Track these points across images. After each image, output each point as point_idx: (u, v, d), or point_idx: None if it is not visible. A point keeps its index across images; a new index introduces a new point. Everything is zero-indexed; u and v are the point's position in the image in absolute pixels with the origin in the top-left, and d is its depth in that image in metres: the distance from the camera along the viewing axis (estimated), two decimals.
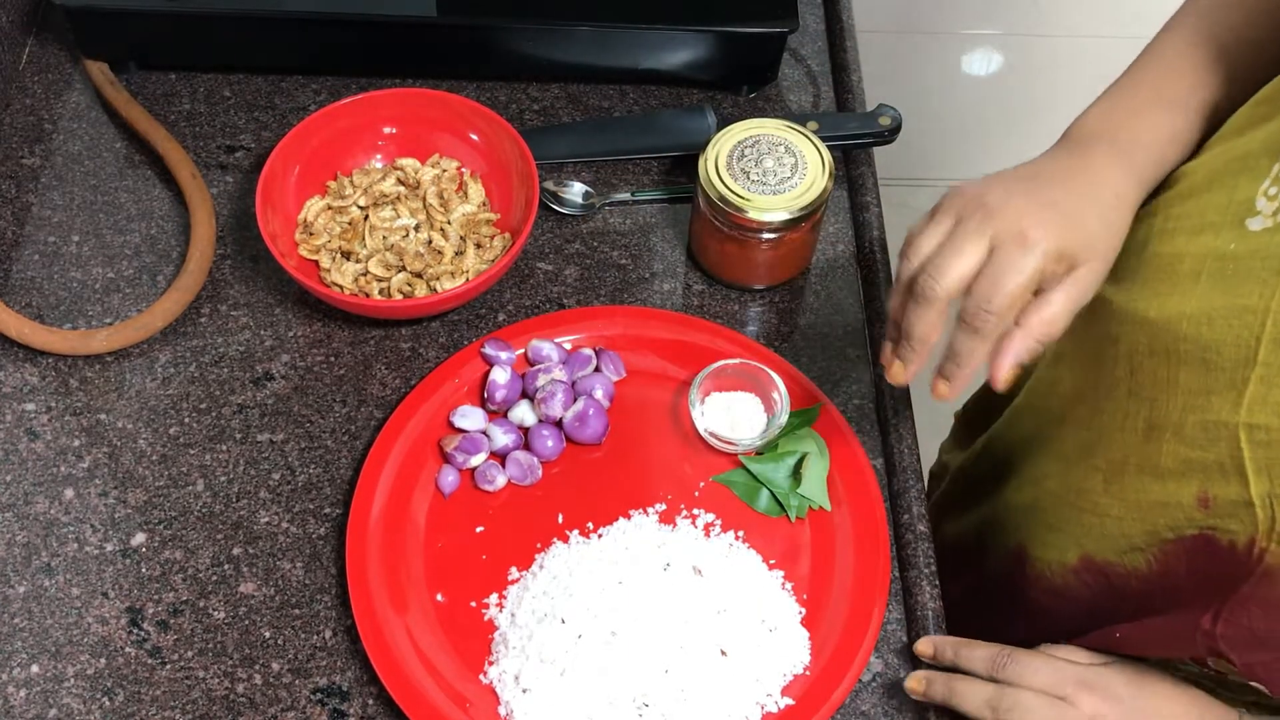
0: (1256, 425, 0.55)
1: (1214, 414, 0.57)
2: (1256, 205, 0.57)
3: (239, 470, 0.77)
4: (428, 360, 0.82)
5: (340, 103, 0.85)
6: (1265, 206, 0.57)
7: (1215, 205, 0.60)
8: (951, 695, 0.67)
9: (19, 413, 0.79)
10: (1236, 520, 0.58)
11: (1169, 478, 0.61)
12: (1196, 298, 0.59)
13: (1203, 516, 0.59)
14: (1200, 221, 0.61)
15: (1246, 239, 0.57)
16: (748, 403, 0.78)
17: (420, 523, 0.75)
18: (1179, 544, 0.62)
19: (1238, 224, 0.58)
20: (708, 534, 0.74)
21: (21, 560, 0.73)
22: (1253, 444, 0.56)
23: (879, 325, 0.84)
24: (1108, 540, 0.67)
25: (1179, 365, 0.60)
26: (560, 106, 0.95)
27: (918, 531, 0.75)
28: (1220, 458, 0.58)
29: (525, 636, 0.69)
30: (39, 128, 0.93)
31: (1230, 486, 0.57)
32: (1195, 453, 0.59)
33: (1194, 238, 0.61)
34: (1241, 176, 0.59)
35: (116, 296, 0.84)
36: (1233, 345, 0.56)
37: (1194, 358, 0.59)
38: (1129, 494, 0.65)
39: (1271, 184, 0.57)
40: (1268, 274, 0.55)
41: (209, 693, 0.69)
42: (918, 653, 0.70)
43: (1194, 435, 0.59)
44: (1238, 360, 0.56)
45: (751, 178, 0.78)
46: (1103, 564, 0.68)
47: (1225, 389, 0.57)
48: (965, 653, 0.69)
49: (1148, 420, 0.62)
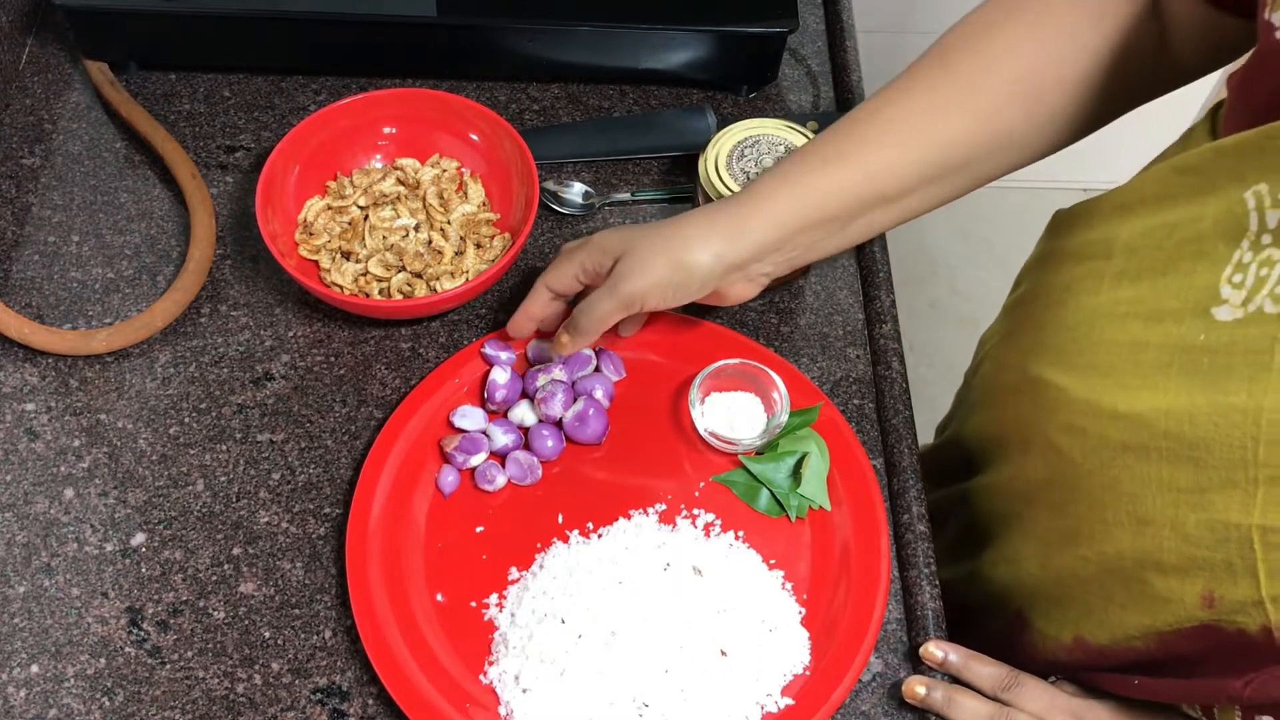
0: (1271, 528, 0.54)
1: (1219, 514, 0.56)
2: (1221, 294, 0.56)
3: (239, 470, 0.77)
4: (428, 360, 0.82)
5: (340, 103, 0.85)
6: (1232, 295, 0.55)
7: (1171, 291, 0.58)
8: (950, 707, 0.67)
9: (19, 413, 0.79)
10: (1244, 615, 0.56)
11: (1171, 574, 0.60)
12: (1172, 393, 0.57)
13: (1206, 614, 0.58)
14: (1157, 308, 0.59)
15: (1216, 330, 0.56)
16: (748, 403, 0.78)
17: (420, 523, 0.75)
18: (1179, 634, 0.61)
19: (1202, 313, 0.56)
20: (708, 534, 0.74)
21: (21, 560, 0.73)
22: (1266, 546, 0.55)
23: (879, 325, 0.84)
24: (1104, 627, 0.66)
25: (1160, 462, 0.58)
26: (560, 106, 0.95)
27: (918, 531, 0.75)
28: (1229, 558, 0.56)
29: (525, 636, 0.69)
30: (39, 128, 0.93)
31: (1239, 587, 0.56)
32: (1201, 552, 0.57)
33: (1153, 325, 0.59)
34: (1199, 262, 0.57)
35: (116, 296, 0.84)
36: (1223, 445, 0.55)
37: (1180, 455, 0.57)
38: (1130, 585, 0.63)
39: (1235, 271, 0.55)
40: (1253, 370, 0.54)
41: (209, 693, 0.69)
42: (924, 656, 0.70)
43: (1198, 535, 0.57)
44: (1233, 460, 0.55)
45: (751, 178, 0.78)
46: (1097, 647, 0.67)
47: (1223, 487, 0.55)
48: (975, 667, 0.69)
49: (1132, 514, 0.61)
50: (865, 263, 0.87)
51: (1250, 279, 0.54)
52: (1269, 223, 0.54)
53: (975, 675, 0.69)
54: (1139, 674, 0.66)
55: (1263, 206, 0.54)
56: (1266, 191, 0.54)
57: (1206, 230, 0.57)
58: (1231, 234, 0.55)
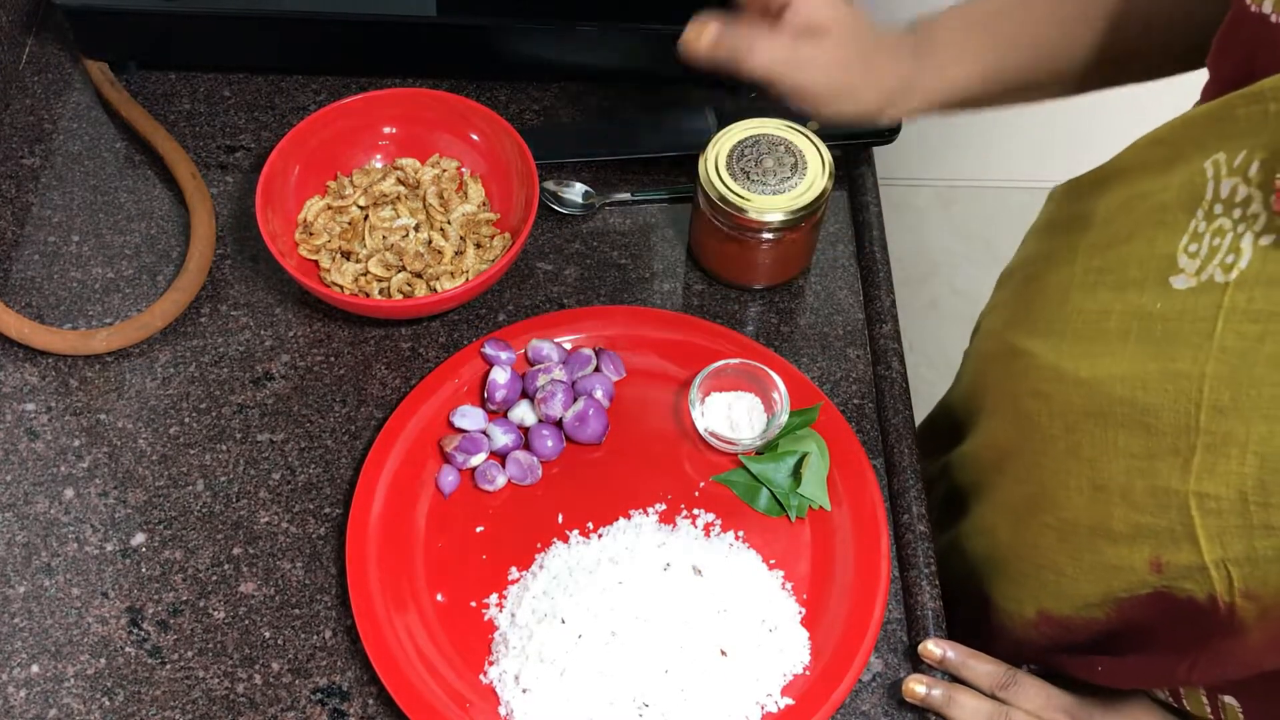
0: (1206, 494, 0.55)
1: (1162, 480, 0.57)
2: (1179, 263, 0.56)
3: (239, 470, 0.77)
4: (428, 360, 0.82)
5: (340, 103, 0.85)
6: (1187, 264, 0.56)
7: (1136, 259, 0.59)
8: (950, 706, 0.68)
9: (19, 413, 0.79)
10: (1191, 581, 0.57)
11: (1121, 541, 0.60)
12: (1128, 359, 0.58)
13: (1156, 579, 0.59)
14: (1123, 276, 0.60)
15: (1171, 298, 0.56)
16: (748, 403, 0.78)
17: (420, 523, 0.75)
18: (1134, 601, 0.62)
19: (1161, 281, 0.57)
20: (708, 534, 0.74)
21: (21, 560, 0.73)
22: (1203, 512, 0.55)
23: (879, 325, 0.84)
24: (1064, 598, 0.67)
25: (1117, 428, 0.59)
26: (560, 106, 0.95)
27: (918, 531, 0.75)
28: (1171, 524, 0.57)
29: (525, 636, 0.69)
30: (39, 128, 0.93)
31: (1182, 553, 0.57)
32: (1146, 518, 0.58)
33: (1118, 293, 0.60)
34: (1160, 230, 0.58)
35: (116, 296, 0.84)
36: (1170, 411, 0.56)
37: (1132, 421, 0.58)
38: (1083, 554, 0.64)
39: (1190, 240, 0.56)
40: (1198, 338, 0.54)
41: (209, 693, 0.69)
42: (923, 654, 0.70)
43: (1143, 501, 0.58)
44: (1178, 427, 0.55)
45: (751, 178, 0.78)
46: (1060, 619, 0.68)
47: (1168, 454, 0.56)
48: (973, 665, 0.69)
49: (1091, 481, 0.62)
50: (865, 263, 0.87)
51: (1204, 248, 0.55)
52: (1222, 192, 0.54)
53: (974, 673, 0.69)
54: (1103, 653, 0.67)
55: (1219, 175, 0.55)
56: (1224, 160, 0.54)
57: (1170, 200, 0.58)
58: (1190, 203, 0.56)
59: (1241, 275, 0.53)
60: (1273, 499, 0.52)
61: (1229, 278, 0.53)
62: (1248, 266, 0.53)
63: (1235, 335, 0.53)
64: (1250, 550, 0.54)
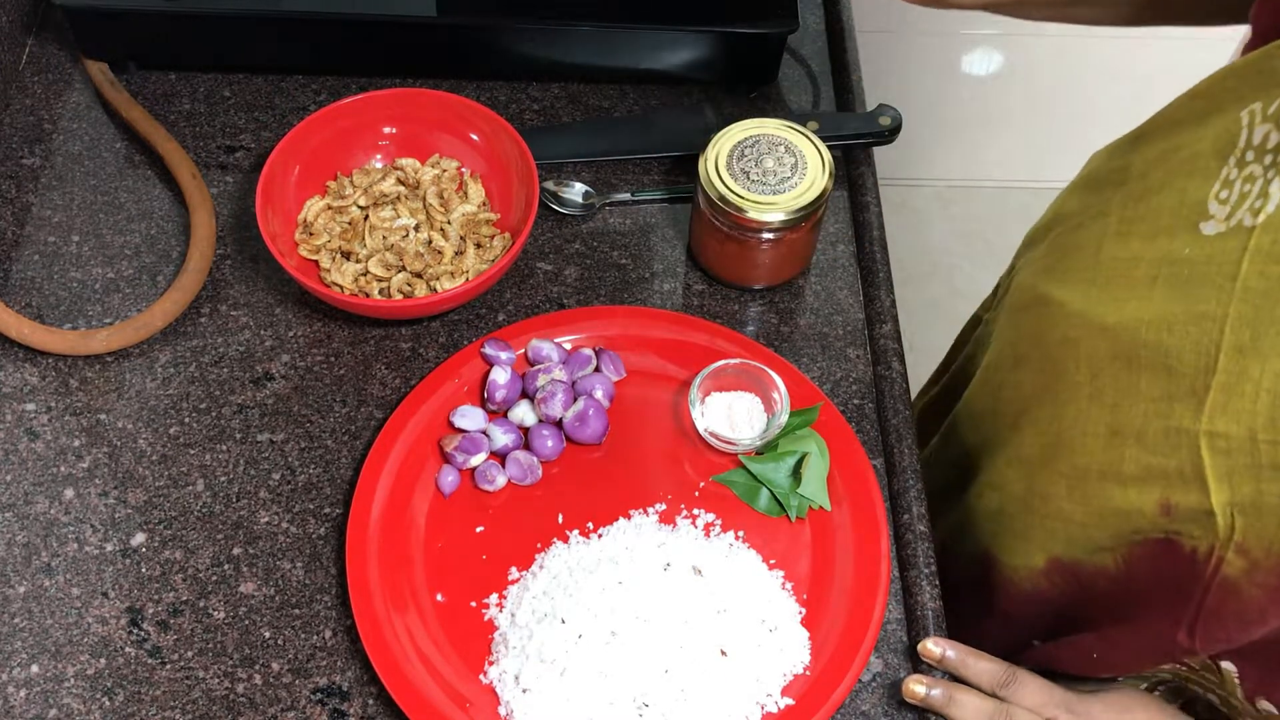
0: (1217, 433, 0.55)
1: (1175, 421, 0.57)
2: (1209, 209, 0.57)
3: (239, 470, 0.77)
4: (428, 360, 0.82)
5: (340, 103, 0.85)
6: (1218, 210, 0.57)
7: (1168, 208, 0.60)
8: (950, 705, 0.68)
9: (19, 413, 0.79)
10: (1199, 527, 0.58)
11: (1131, 484, 0.61)
12: (1155, 303, 0.59)
13: (1166, 522, 0.60)
14: (1155, 225, 0.61)
15: (1200, 243, 0.57)
16: (748, 403, 0.78)
17: (420, 523, 0.75)
18: (1145, 545, 0.62)
19: (1191, 228, 0.58)
20: (708, 534, 0.74)
21: (21, 560, 0.73)
22: (1213, 452, 0.56)
23: (879, 325, 0.84)
24: (1074, 543, 0.68)
25: (1140, 371, 0.60)
26: (560, 106, 0.95)
27: (918, 531, 0.75)
28: (1181, 465, 0.58)
29: (525, 636, 0.69)
30: (39, 128, 0.93)
31: (1191, 494, 0.57)
32: (1157, 459, 0.59)
33: (1149, 241, 0.61)
34: (1192, 178, 0.59)
35: (116, 296, 0.84)
36: (1192, 352, 0.56)
37: (1156, 364, 0.59)
38: (1092, 500, 0.65)
39: (1222, 187, 0.57)
40: (1223, 279, 0.55)
41: (209, 693, 0.69)
42: (923, 653, 0.70)
43: (1156, 442, 0.59)
44: (1198, 367, 0.56)
45: (751, 178, 0.79)
46: (1071, 563, 0.69)
47: (1186, 396, 0.57)
48: (973, 664, 0.69)
49: (1110, 426, 0.62)
50: (865, 263, 0.87)
51: (1235, 194, 0.56)
52: (1255, 139, 0.55)
53: (974, 672, 0.69)
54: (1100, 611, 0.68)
55: (1253, 123, 0.56)
56: (1259, 109, 0.55)
57: (1204, 149, 0.59)
58: (1223, 151, 0.57)
59: (1268, 219, 0.54)
60: None
61: (1256, 221, 0.54)
62: (1275, 210, 0.54)
63: (1259, 276, 0.54)
64: (1256, 494, 0.55)
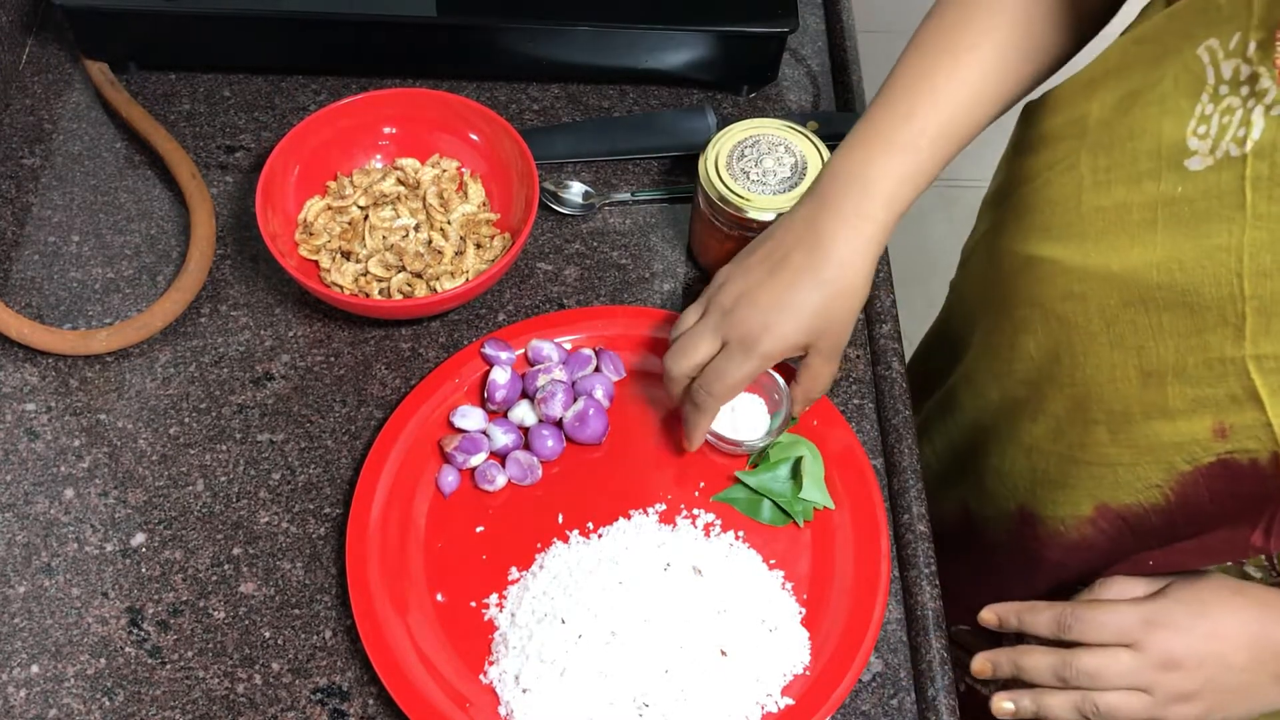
0: (1264, 355, 0.57)
1: (1215, 351, 0.59)
2: (1189, 145, 0.59)
3: (239, 470, 0.77)
4: (428, 360, 0.82)
5: (340, 103, 0.85)
6: (1199, 146, 0.59)
7: (1145, 152, 0.62)
8: (1019, 669, 0.68)
9: (19, 413, 0.79)
10: (1255, 441, 0.60)
11: (1179, 417, 0.62)
12: (1160, 246, 0.61)
13: (1220, 445, 0.61)
14: (1134, 170, 0.62)
15: (1190, 180, 0.59)
16: (751, 403, 0.78)
17: (420, 523, 0.75)
18: (1195, 473, 0.63)
19: (1175, 167, 0.60)
20: (708, 534, 0.74)
21: (21, 560, 0.73)
22: (1263, 372, 0.58)
23: (879, 325, 0.84)
24: (1122, 486, 0.68)
25: (1160, 312, 0.61)
26: (560, 106, 0.95)
27: (918, 531, 0.75)
28: (1232, 390, 0.59)
29: (525, 636, 0.69)
30: (39, 128, 0.93)
31: (1246, 414, 0.59)
32: (1204, 390, 0.61)
33: (1134, 187, 0.62)
34: (1165, 119, 0.60)
35: (116, 296, 0.84)
36: (1212, 285, 0.58)
37: (1174, 302, 0.60)
38: (1139, 440, 0.66)
39: (1199, 123, 0.59)
40: (1229, 210, 0.57)
41: (209, 693, 0.69)
42: (982, 621, 0.70)
43: (1199, 374, 0.61)
44: (1221, 299, 0.58)
45: (751, 178, 0.78)
46: (1119, 509, 0.69)
47: (1217, 326, 0.59)
48: (1029, 618, 0.70)
49: (1139, 368, 0.64)
50: None
51: (1214, 128, 0.58)
52: (1224, 74, 0.57)
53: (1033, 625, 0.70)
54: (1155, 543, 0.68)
55: (1217, 60, 0.57)
56: (1218, 45, 0.57)
57: (1168, 90, 0.60)
58: (1192, 89, 0.59)
59: (1257, 145, 0.55)
60: None
61: (1244, 150, 0.56)
62: (1262, 136, 0.55)
63: (1266, 200, 0.56)
64: None
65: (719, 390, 0.70)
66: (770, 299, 0.68)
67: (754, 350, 0.68)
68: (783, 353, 0.69)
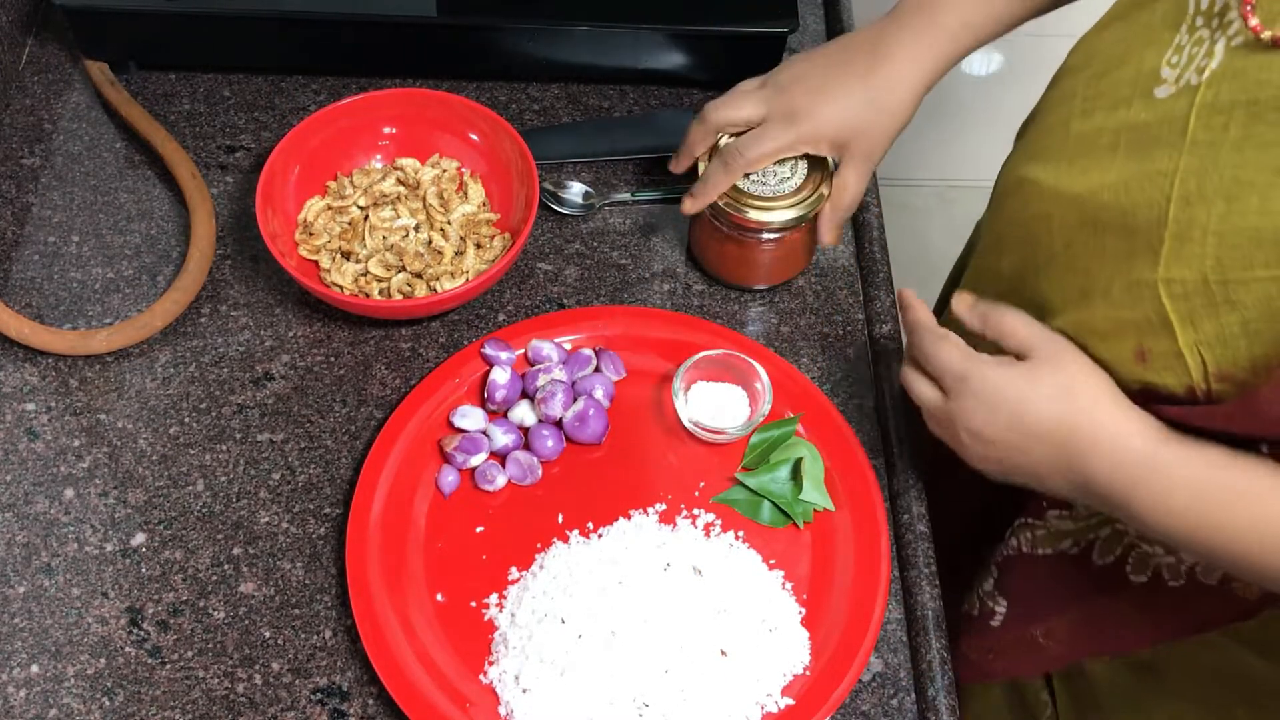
0: (1173, 280, 0.58)
1: (1136, 274, 0.60)
2: (1161, 74, 0.61)
3: (239, 470, 0.77)
4: (428, 360, 0.82)
5: (340, 103, 0.85)
6: (1169, 74, 0.60)
7: (1126, 80, 0.63)
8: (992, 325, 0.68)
9: (19, 413, 0.79)
10: (1171, 373, 0.60)
11: (1109, 338, 0.64)
12: (1114, 169, 0.62)
13: (1141, 370, 0.62)
14: (1114, 97, 0.64)
15: (1154, 107, 0.61)
16: (731, 393, 0.78)
17: (420, 523, 0.75)
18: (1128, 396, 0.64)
19: (1146, 94, 0.61)
20: (708, 534, 0.74)
21: (21, 560, 0.73)
22: (1172, 297, 0.59)
23: (879, 325, 0.84)
24: None
25: (1104, 233, 0.63)
26: (560, 106, 0.95)
27: (918, 531, 0.75)
28: (1147, 314, 0.60)
29: (525, 636, 0.69)
30: (39, 128, 0.93)
31: (1161, 340, 0.60)
32: (1124, 312, 0.62)
33: (1111, 113, 0.64)
34: (1147, 49, 0.62)
35: (116, 296, 0.84)
36: (1146, 207, 0.59)
37: (1116, 224, 0.62)
38: None
39: (1173, 53, 0.60)
40: (1174, 137, 0.58)
41: (209, 693, 0.69)
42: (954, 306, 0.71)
43: (1120, 296, 0.62)
44: (1152, 221, 0.59)
45: (751, 178, 0.78)
46: None
47: (1144, 250, 0.60)
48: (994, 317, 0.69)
49: (1080, 289, 0.65)
50: (865, 263, 0.87)
51: (1184, 58, 0.59)
52: (1203, 4, 0.59)
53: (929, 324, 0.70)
54: None
55: None
56: None
57: (1155, 21, 0.62)
58: (1175, 20, 0.61)
59: (1212, 74, 0.57)
60: (1230, 275, 0.56)
61: (1201, 79, 0.58)
62: (1218, 66, 0.57)
63: (1204, 128, 0.57)
64: (1219, 329, 0.57)
65: (751, 154, 0.76)
66: (821, 87, 0.75)
67: (792, 126, 0.75)
68: (816, 138, 0.75)
